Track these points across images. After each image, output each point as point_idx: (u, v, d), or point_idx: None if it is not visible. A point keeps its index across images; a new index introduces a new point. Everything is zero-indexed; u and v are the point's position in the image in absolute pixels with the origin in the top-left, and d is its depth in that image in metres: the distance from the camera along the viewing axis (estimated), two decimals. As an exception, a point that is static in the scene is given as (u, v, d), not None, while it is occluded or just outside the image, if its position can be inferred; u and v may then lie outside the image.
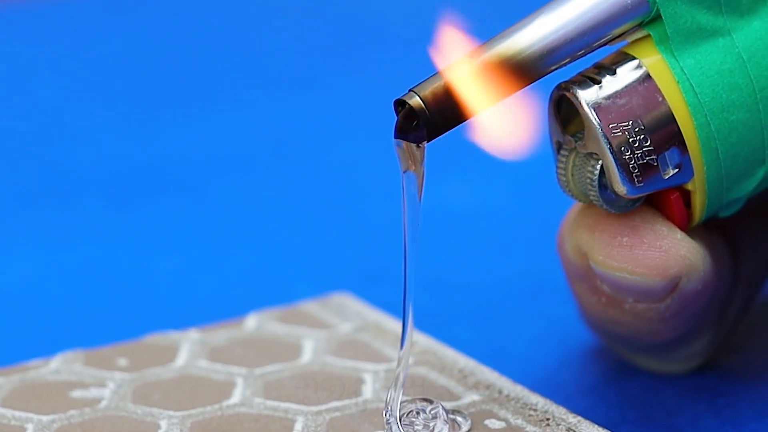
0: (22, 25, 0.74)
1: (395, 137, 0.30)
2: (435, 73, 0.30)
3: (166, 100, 0.60)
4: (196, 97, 0.60)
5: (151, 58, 0.67)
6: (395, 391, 0.31)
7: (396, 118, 0.30)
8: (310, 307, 0.38)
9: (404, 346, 0.32)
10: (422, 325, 0.36)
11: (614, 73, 0.31)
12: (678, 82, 0.31)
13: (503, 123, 0.31)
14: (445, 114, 0.30)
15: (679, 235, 0.32)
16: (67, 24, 0.73)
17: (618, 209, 0.32)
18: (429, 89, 0.30)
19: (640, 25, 0.31)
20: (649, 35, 0.31)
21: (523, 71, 0.30)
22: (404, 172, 0.31)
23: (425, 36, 0.32)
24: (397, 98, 0.30)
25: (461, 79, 0.30)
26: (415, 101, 0.30)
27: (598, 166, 0.31)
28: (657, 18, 0.31)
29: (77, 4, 0.78)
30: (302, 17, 0.73)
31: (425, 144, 0.30)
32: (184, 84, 0.62)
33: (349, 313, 0.38)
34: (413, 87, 0.30)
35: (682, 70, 0.31)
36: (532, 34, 0.30)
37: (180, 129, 0.56)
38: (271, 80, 0.63)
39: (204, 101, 0.60)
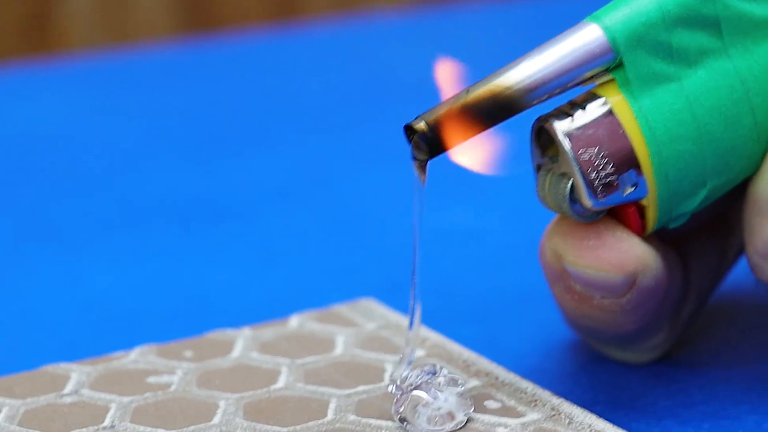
0: (101, 79, 0.73)
1: (412, 158, 0.31)
2: (438, 104, 0.30)
3: (221, 143, 0.60)
4: (246, 141, 0.60)
5: (210, 108, 0.66)
6: (401, 364, 0.32)
7: (406, 141, 0.31)
8: (342, 309, 0.38)
9: (412, 328, 0.32)
10: (433, 324, 0.37)
11: (584, 108, 0.31)
12: (636, 117, 0.31)
13: (489, 145, 0.31)
14: (444, 136, 0.30)
15: (636, 239, 0.32)
16: (140, 78, 0.73)
17: (586, 219, 0.32)
18: (432, 116, 0.30)
19: (607, 71, 0.31)
20: (613, 79, 0.31)
21: (509, 104, 0.31)
22: (423, 186, 0.31)
23: (433, 89, 0.32)
24: (406, 123, 0.30)
25: (459, 108, 0.30)
26: (420, 125, 0.30)
27: (570, 184, 0.31)
28: (620, 65, 0.31)
29: (148, 63, 0.78)
30: (335, 76, 0.73)
31: (428, 160, 0.31)
32: (237, 130, 0.62)
33: (373, 314, 0.38)
34: (420, 114, 0.30)
35: (640, 108, 0.31)
36: (517, 75, 0.31)
37: (233, 167, 0.56)
38: (307, 127, 0.62)
39: (252, 144, 0.59)
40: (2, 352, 0.38)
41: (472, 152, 0.31)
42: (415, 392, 0.31)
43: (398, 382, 0.32)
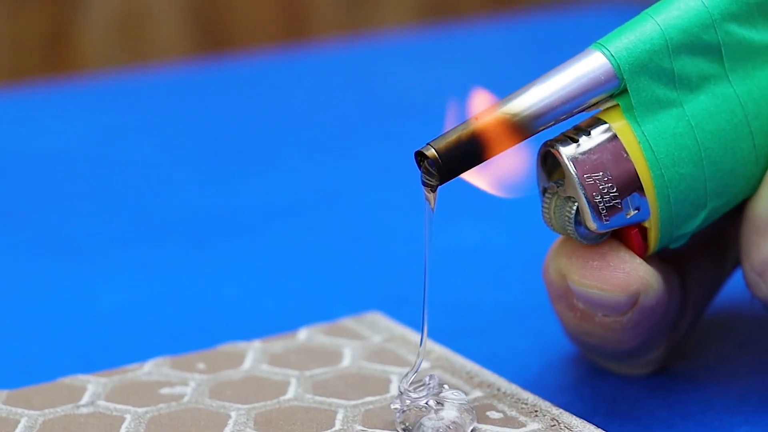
0: (119, 98, 0.73)
1: (422, 183, 0.31)
2: (448, 130, 0.30)
3: (233, 161, 0.60)
4: (257, 158, 0.60)
5: (222, 127, 0.66)
6: (411, 371, 0.32)
7: (416, 166, 0.30)
8: (349, 323, 0.38)
9: (422, 341, 0.32)
10: (438, 338, 0.37)
11: (589, 134, 0.31)
12: (639, 142, 0.31)
13: (499, 169, 0.31)
14: (455, 162, 0.30)
15: (638, 260, 0.32)
16: (157, 97, 0.73)
17: (590, 241, 0.32)
18: (443, 143, 0.30)
19: (611, 97, 0.31)
20: (617, 105, 0.31)
21: (517, 130, 0.30)
22: (432, 210, 0.31)
23: (438, 109, 0.32)
24: (417, 150, 0.30)
25: (469, 135, 0.30)
26: (431, 152, 0.30)
27: (575, 207, 0.31)
28: (624, 91, 0.31)
29: (164, 82, 0.78)
30: (343, 95, 0.73)
31: (438, 186, 0.30)
32: (248, 147, 0.62)
33: (379, 327, 0.38)
34: (430, 141, 0.30)
35: (643, 133, 0.31)
36: (525, 101, 0.30)
37: (244, 184, 0.56)
38: (316, 145, 0.62)
39: (263, 161, 0.59)
40: (21, 364, 0.38)
41: (483, 175, 0.31)
42: (419, 404, 0.31)
43: (403, 394, 0.32)
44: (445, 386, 0.32)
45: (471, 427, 0.31)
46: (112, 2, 1.23)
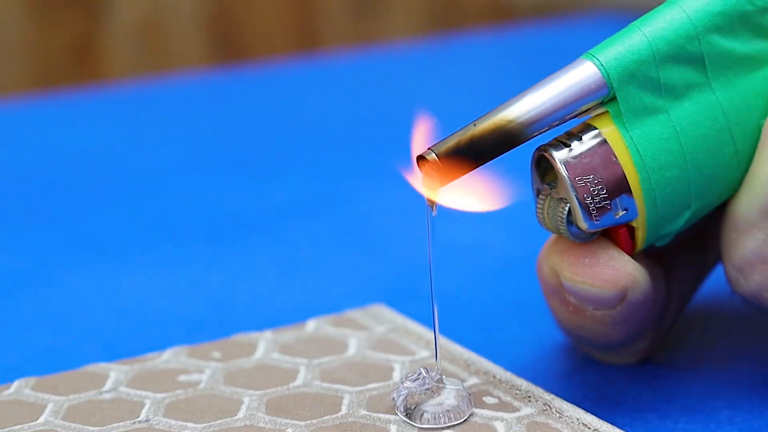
0: (142, 105, 0.74)
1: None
2: (447, 136, 0.30)
3: (248, 164, 0.60)
4: (270, 162, 0.60)
5: (238, 132, 0.66)
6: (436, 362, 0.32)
7: (417, 170, 0.30)
8: (355, 315, 0.38)
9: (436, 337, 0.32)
10: (438, 329, 0.37)
11: (580, 139, 0.31)
12: (627, 147, 0.31)
13: (476, 187, 0.31)
14: (453, 166, 0.30)
15: (627, 258, 0.32)
16: (177, 104, 0.73)
17: (581, 240, 0.32)
18: (442, 147, 0.30)
19: (601, 104, 0.31)
20: (607, 111, 0.31)
21: (513, 136, 0.30)
22: (432, 213, 0.31)
23: (442, 115, 0.32)
24: (418, 154, 0.30)
25: (467, 141, 0.30)
26: (431, 156, 0.30)
27: (567, 208, 0.31)
28: (613, 99, 0.31)
29: (184, 90, 0.78)
30: (351, 102, 0.73)
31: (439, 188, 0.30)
32: (262, 152, 0.62)
33: (383, 319, 0.38)
34: (431, 146, 0.30)
35: (631, 138, 0.31)
36: (520, 109, 0.30)
37: (258, 185, 0.56)
38: (325, 150, 0.62)
39: (275, 165, 0.59)
40: (47, 353, 0.38)
41: (465, 199, 0.31)
42: (420, 390, 0.31)
43: (405, 382, 0.32)
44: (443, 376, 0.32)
45: (468, 412, 0.31)
46: (134, 15, 1.23)
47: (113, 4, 1.22)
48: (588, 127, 0.31)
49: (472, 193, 0.31)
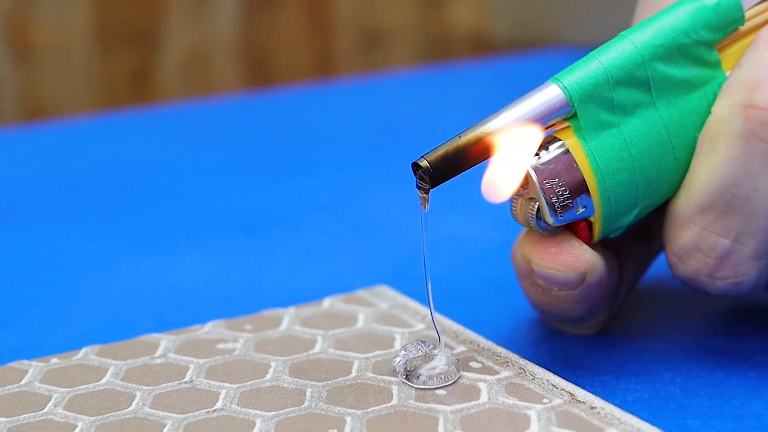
0: (188, 122, 0.73)
1: (417, 187, 0.30)
2: (437, 146, 0.30)
3: (275, 170, 0.60)
4: (293, 168, 0.60)
5: (266, 144, 0.66)
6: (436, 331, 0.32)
7: (412, 175, 0.30)
8: (363, 294, 0.38)
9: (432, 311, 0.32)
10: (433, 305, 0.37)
11: (547, 149, 0.31)
12: (586, 155, 0.31)
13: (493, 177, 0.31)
14: (442, 171, 0.30)
15: (585, 247, 0.32)
16: (216, 122, 0.73)
17: (548, 232, 0.32)
18: (433, 155, 0.30)
19: (564, 119, 0.31)
20: (569, 126, 0.31)
21: (492, 146, 0.30)
22: (425, 209, 0.31)
23: (435, 131, 0.32)
24: (413, 161, 0.30)
25: (454, 150, 0.30)
26: (424, 162, 0.30)
27: (536, 206, 0.31)
28: (574, 115, 0.31)
29: (222, 110, 0.78)
30: (360, 120, 0.73)
31: (430, 189, 0.30)
32: (286, 160, 0.62)
33: (386, 297, 0.38)
34: (423, 154, 0.30)
35: (589, 148, 0.31)
36: (497, 123, 0.30)
37: (283, 187, 0.56)
38: (338, 159, 0.62)
39: (298, 170, 0.59)
40: (109, 325, 0.38)
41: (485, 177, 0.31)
42: (417, 356, 0.31)
43: (404, 350, 0.32)
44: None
45: (457, 375, 0.31)
46: (182, 48, 1.23)
47: (164, 39, 1.22)
48: (553, 139, 0.31)
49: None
